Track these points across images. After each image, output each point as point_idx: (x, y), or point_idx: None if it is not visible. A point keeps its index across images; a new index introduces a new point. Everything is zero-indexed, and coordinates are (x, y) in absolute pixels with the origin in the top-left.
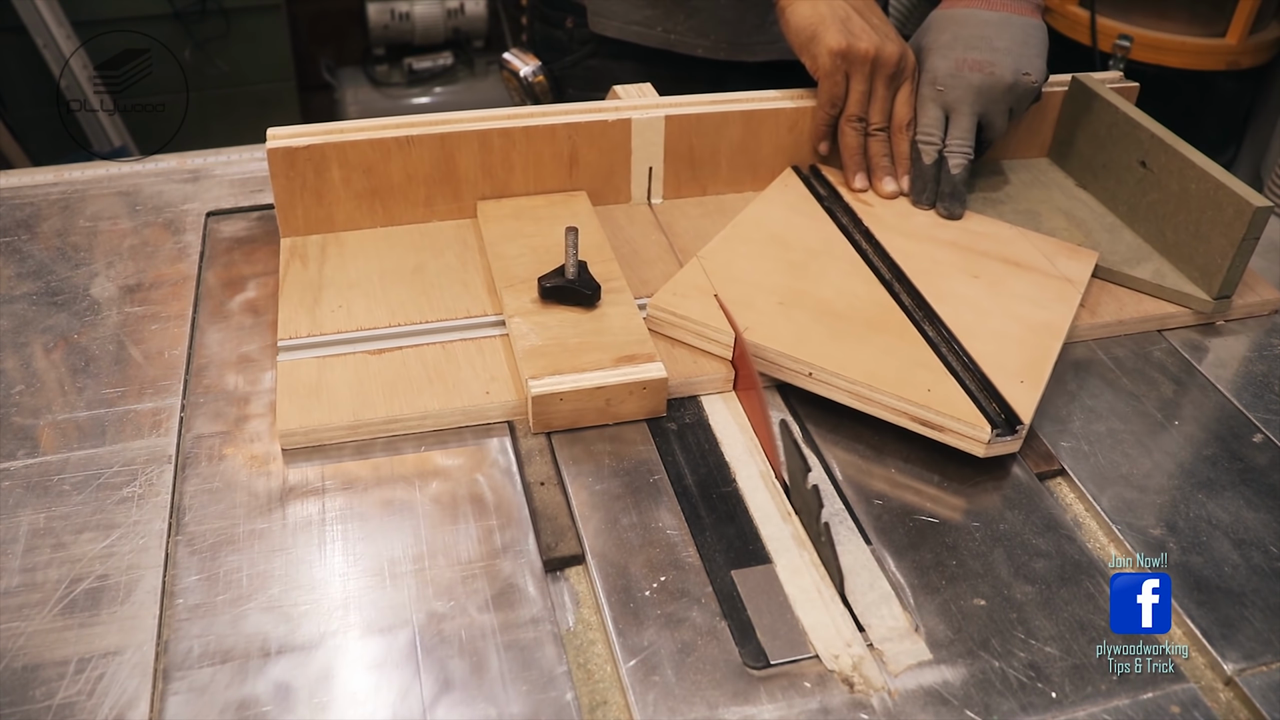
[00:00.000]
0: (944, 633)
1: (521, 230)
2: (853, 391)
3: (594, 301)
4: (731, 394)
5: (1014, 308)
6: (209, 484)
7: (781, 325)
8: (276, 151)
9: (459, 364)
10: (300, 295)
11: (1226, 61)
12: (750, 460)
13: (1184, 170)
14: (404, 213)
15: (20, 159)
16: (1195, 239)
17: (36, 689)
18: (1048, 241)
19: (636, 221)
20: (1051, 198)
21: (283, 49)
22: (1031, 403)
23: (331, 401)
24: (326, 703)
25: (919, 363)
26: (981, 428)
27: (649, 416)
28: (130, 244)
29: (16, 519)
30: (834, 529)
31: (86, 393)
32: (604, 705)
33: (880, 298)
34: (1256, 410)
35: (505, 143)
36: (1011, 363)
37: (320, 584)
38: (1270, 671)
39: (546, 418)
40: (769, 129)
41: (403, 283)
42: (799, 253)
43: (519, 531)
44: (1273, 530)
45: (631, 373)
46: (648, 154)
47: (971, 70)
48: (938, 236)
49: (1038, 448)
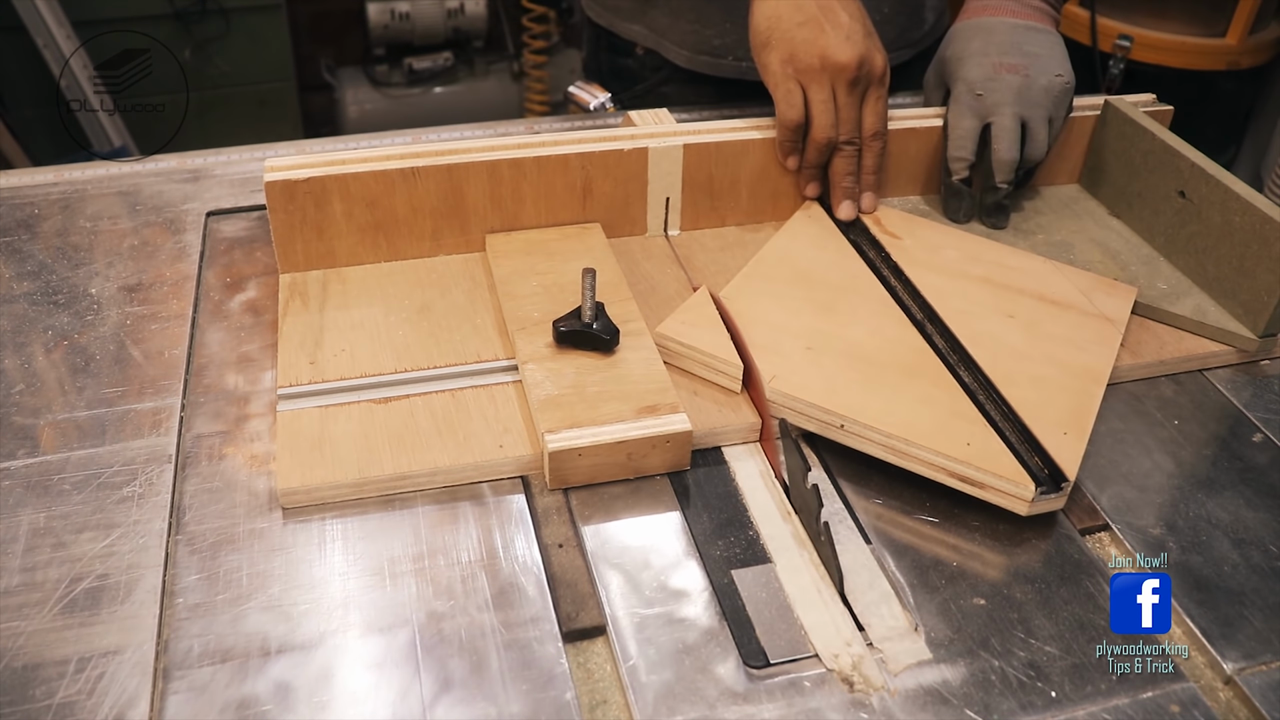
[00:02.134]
0: (944, 632)
1: (534, 267)
2: (888, 446)
3: (612, 347)
4: (757, 445)
5: (1052, 350)
6: (209, 483)
7: (811, 373)
8: (275, 185)
9: (470, 414)
10: (301, 337)
11: (1226, 61)
12: (750, 460)
13: (1226, 202)
14: (409, 247)
15: (20, 159)
16: (1239, 274)
17: (36, 688)
18: (1084, 276)
19: (653, 255)
20: (1085, 228)
21: (283, 49)
22: (1076, 457)
23: (335, 456)
24: (326, 702)
25: (956, 413)
26: (1025, 485)
27: (671, 470)
28: (130, 244)
29: (16, 519)
30: (834, 528)
31: (86, 392)
32: (604, 704)
33: (913, 341)
34: (1256, 410)
35: (515, 173)
36: (1053, 412)
37: (320, 583)
38: (1270, 671)
39: (564, 474)
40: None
41: (409, 323)
42: (825, 291)
43: (516, 521)
44: (1272, 530)
45: (654, 425)
46: (665, 184)
47: (1009, 73)
48: (970, 272)
49: (1080, 501)
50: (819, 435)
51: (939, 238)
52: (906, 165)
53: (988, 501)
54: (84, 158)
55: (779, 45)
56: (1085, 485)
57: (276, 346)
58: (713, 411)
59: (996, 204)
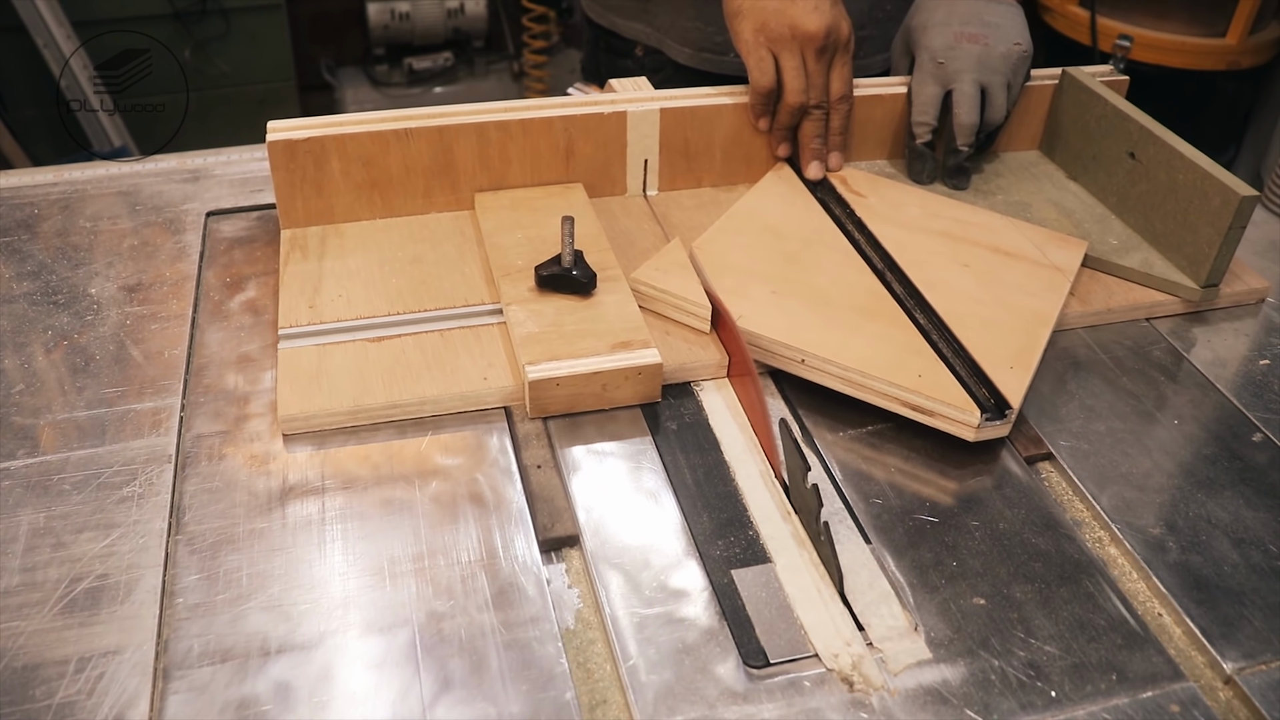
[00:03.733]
0: (943, 632)
1: (519, 221)
2: (845, 378)
3: (590, 290)
4: (725, 381)
5: (1004, 296)
6: (209, 483)
7: (775, 313)
8: (277, 144)
9: (457, 351)
10: (300, 285)
11: (1226, 61)
12: (750, 459)
13: (1172, 161)
14: (403, 204)
15: (20, 159)
16: (1183, 228)
17: (36, 688)
18: (1038, 231)
19: (632, 213)
20: (1042, 189)
21: (283, 49)
22: (1020, 387)
23: (332, 388)
24: (326, 702)
25: (910, 349)
26: (971, 412)
27: (644, 402)
28: (130, 244)
29: (16, 519)
30: (833, 528)
31: (86, 392)
32: (604, 704)
33: (872, 286)
34: (1256, 409)
35: (502, 135)
36: (1001, 349)
37: (320, 583)
38: (1269, 670)
39: (543, 403)
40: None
41: (401, 273)
42: (792, 243)
43: (516, 521)
44: (1272, 529)
45: (627, 358)
46: (643, 146)
47: (969, 42)
48: (929, 227)
49: (1027, 432)
50: (785, 374)
51: (902, 196)
52: (873, 130)
53: (938, 429)
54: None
55: (751, 15)
56: (1041, 430)
57: (276, 347)
58: (683, 349)
59: (958, 166)
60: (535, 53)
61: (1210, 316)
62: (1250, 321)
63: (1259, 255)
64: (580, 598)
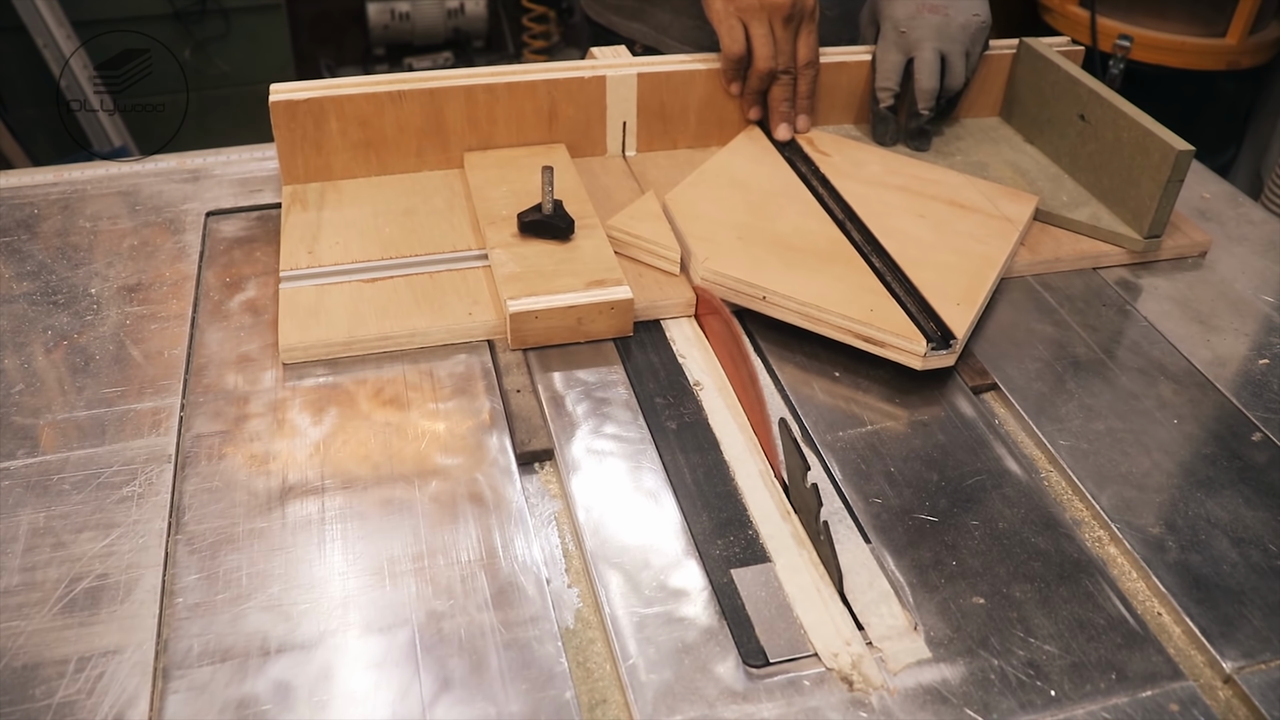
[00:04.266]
0: (943, 631)
1: (504, 177)
2: (803, 313)
3: (568, 235)
4: (692, 319)
5: (956, 243)
6: (208, 483)
7: (740, 256)
8: (279, 104)
9: (445, 290)
10: (300, 234)
11: (1226, 61)
12: (750, 459)
13: (1117, 121)
14: (397, 163)
15: (20, 159)
16: (1128, 184)
17: (36, 688)
18: (992, 187)
19: (611, 172)
20: (1000, 152)
21: (283, 49)
22: (965, 321)
23: (328, 321)
24: (326, 701)
25: (865, 288)
26: (919, 342)
27: (617, 335)
28: (130, 244)
29: (16, 518)
30: (833, 528)
31: (86, 392)
32: (603, 704)
33: (833, 234)
34: (1255, 409)
35: (490, 98)
36: (950, 288)
37: (320, 583)
38: (1269, 669)
39: (523, 334)
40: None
41: (395, 223)
42: (759, 195)
43: (516, 520)
44: (1271, 529)
45: (601, 294)
46: (622, 109)
47: (930, 13)
48: (889, 183)
49: (973, 365)
50: (750, 314)
51: (865, 155)
52: (840, 96)
53: (888, 359)
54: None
55: None
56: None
57: (277, 338)
58: (654, 289)
59: (919, 129)
60: (535, 53)
61: (1155, 267)
62: (1192, 274)
63: (1259, 255)
64: (580, 597)
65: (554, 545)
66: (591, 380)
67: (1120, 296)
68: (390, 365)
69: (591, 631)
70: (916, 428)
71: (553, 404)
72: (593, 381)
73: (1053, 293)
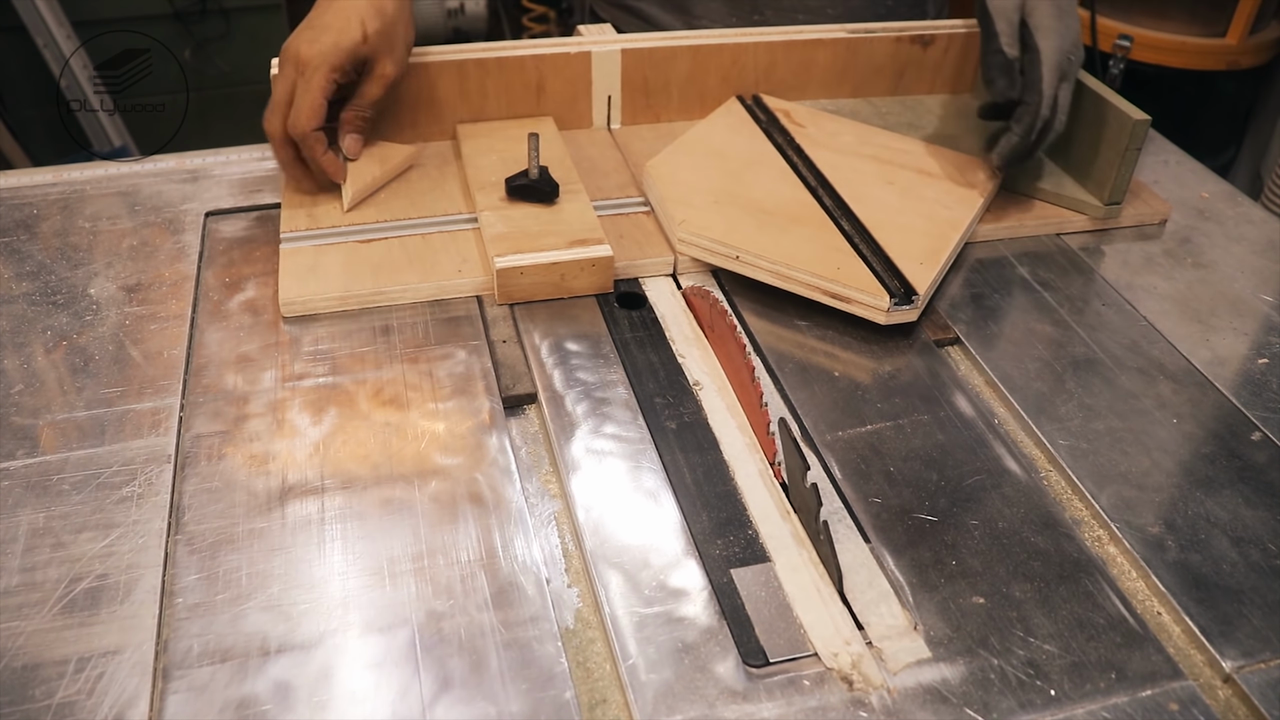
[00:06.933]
0: (943, 631)
1: (494, 146)
2: (773, 271)
3: (553, 198)
4: (669, 278)
5: (922, 208)
6: (208, 483)
7: (715, 219)
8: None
9: (436, 250)
10: (300, 199)
11: (1226, 61)
12: (749, 459)
13: (1080, 93)
14: (393, 134)
15: (20, 159)
16: (1090, 153)
17: (36, 688)
18: (960, 157)
19: (597, 143)
20: (974, 126)
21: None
22: (928, 278)
23: (326, 277)
24: (326, 701)
25: (833, 248)
26: (882, 297)
27: (598, 292)
28: (130, 244)
29: (16, 519)
30: (833, 527)
31: (86, 393)
32: (603, 704)
33: (804, 199)
34: (1255, 408)
35: (480, 72)
36: (914, 249)
37: (320, 583)
38: (1269, 669)
39: (509, 289)
40: (715, 63)
41: (390, 188)
42: (735, 163)
43: (516, 520)
44: (1271, 528)
45: (583, 252)
46: (606, 84)
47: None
48: (861, 152)
49: (937, 320)
50: (724, 273)
51: (838, 127)
52: (816, 74)
53: (853, 314)
54: (84, 158)
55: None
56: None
57: (277, 338)
58: (635, 249)
59: (1016, 150)
60: None
61: (1116, 235)
62: (1154, 242)
63: (1258, 255)
64: (580, 597)
65: (554, 545)
66: (592, 380)
67: (1086, 263)
68: (390, 365)
69: (591, 631)
70: (916, 425)
71: (535, 353)
72: (593, 381)
73: (1018, 256)
